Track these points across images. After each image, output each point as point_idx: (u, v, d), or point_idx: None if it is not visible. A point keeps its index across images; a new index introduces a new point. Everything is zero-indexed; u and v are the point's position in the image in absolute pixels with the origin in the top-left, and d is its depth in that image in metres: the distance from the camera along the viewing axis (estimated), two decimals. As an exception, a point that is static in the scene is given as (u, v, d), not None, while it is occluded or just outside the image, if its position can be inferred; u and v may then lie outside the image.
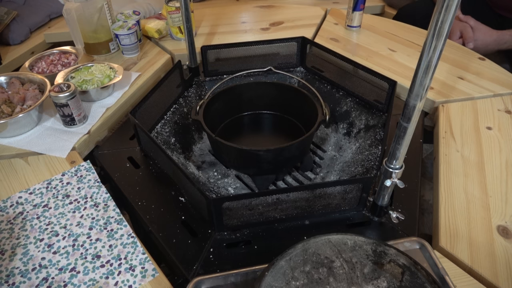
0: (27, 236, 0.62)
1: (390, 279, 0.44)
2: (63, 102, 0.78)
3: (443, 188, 0.69)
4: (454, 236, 0.61)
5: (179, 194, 0.70)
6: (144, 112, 0.78)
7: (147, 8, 1.30)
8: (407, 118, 0.50)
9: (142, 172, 0.75)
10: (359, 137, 0.85)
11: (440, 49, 0.42)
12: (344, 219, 0.65)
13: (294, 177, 0.80)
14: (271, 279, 0.43)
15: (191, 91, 0.94)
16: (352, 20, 1.19)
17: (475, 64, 1.04)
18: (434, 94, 0.92)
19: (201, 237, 0.62)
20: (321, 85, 0.96)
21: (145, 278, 0.56)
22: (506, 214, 0.64)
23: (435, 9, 0.40)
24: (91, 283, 0.56)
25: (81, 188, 0.71)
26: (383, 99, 0.85)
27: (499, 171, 0.72)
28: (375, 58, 1.06)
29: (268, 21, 1.28)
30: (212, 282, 0.53)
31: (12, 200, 0.68)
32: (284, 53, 1.00)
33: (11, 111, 0.80)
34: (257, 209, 0.62)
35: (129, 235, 0.62)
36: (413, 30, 1.22)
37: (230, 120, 0.88)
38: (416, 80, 0.46)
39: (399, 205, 0.67)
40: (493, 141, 0.79)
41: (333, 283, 0.43)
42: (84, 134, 0.81)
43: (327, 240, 0.47)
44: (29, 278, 0.56)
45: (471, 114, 0.86)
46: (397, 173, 0.56)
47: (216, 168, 0.81)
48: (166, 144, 0.81)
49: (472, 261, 0.57)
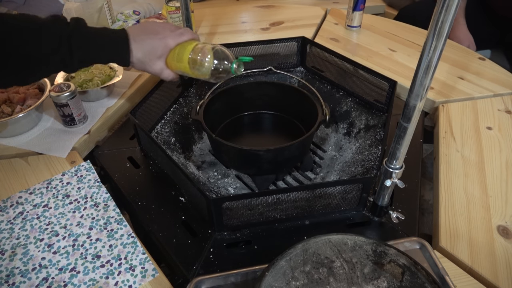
0: (27, 236, 0.62)
1: (390, 279, 0.44)
2: (63, 102, 0.78)
3: (443, 188, 0.69)
4: (454, 236, 0.61)
5: (179, 194, 0.70)
6: (144, 112, 0.78)
7: (147, 8, 1.30)
8: (407, 118, 0.50)
9: (142, 172, 0.75)
10: (359, 137, 0.85)
11: (440, 49, 0.42)
12: (344, 219, 0.65)
13: (294, 177, 0.80)
14: (271, 279, 0.43)
15: (191, 91, 0.94)
16: (352, 20, 1.20)
17: (475, 64, 1.04)
18: (434, 94, 0.92)
19: (201, 237, 0.62)
20: (321, 85, 0.96)
21: (145, 278, 0.56)
22: (506, 214, 0.64)
23: (435, 9, 0.40)
24: (91, 283, 0.56)
25: (81, 188, 0.71)
26: (383, 99, 0.85)
27: (499, 171, 0.72)
28: (375, 58, 1.06)
29: (268, 21, 1.28)
30: (212, 282, 0.53)
31: (12, 200, 0.68)
32: (284, 53, 1.00)
33: (11, 111, 0.80)
34: (257, 209, 0.62)
35: (129, 235, 0.62)
36: (413, 30, 1.22)
37: (230, 120, 0.88)
38: (416, 80, 0.46)
39: (399, 205, 0.67)
40: (493, 141, 0.79)
41: (333, 283, 0.43)
42: (84, 134, 0.81)
43: (327, 240, 0.47)
44: (29, 278, 0.56)
45: (471, 114, 0.86)
46: (397, 173, 0.56)
47: (216, 168, 0.81)
48: (166, 144, 0.81)
49: (472, 261, 0.57)
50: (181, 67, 0.69)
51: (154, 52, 0.67)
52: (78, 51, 0.61)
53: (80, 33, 0.61)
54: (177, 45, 0.69)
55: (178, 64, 0.69)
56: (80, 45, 0.61)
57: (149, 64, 0.68)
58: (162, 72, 0.70)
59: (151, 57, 0.67)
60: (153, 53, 0.67)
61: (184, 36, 0.69)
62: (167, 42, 0.68)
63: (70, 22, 0.62)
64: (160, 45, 0.67)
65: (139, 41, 0.66)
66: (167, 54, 0.69)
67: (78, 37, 0.61)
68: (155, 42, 0.67)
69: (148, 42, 0.66)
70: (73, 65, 0.63)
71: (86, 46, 0.62)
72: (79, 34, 0.61)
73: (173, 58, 0.69)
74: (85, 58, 0.63)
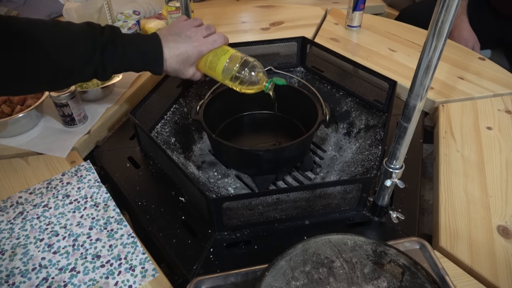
0: (27, 236, 0.62)
1: (390, 279, 0.44)
2: (63, 102, 0.78)
3: (443, 188, 0.69)
4: (454, 236, 0.61)
5: (179, 194, 0.70)
6: (144, 112, 0.78)
7: (147, 8, 1.30)
8: (407, 118, 0.50)
9: (142, 172, 0.75)
10: (359, 137, 0.85)
11: (440, 49, 0.42)
12: (344, 219, 0.65)
13: (294, 177, 0.80)
14: (271, 279, 0.43)
15: (191, 91, 0.94)
16: (352, 20, 1.19)
17: (475, 64, 1.04)
18: (434, 94, 0.92)
19: (201, 237, 0.62)
20: (321, 85, 0.96)
21: (145, 278, 0.56)
22: (506, 214, 0.64)
23: (435, 9, 0.40)
24: (91, 283, 0.56)
25: (81, 188, 0.71)
26: (383, 99, 0.85)
27: (499, 171, 0.72)
28: (375, 58, 1.06)
29: (268, 21, 1.28)
30: (212, 282, 0.53)
31: (12, 200, 0.68)
32: (284, 53, 1.00)
33: (11, 111, 0.80)
34: (257, 209, 0.62)
35: (129, 235, 0.62)
36: (413, 30, 1.22)
37: (230, 120, 0.88)
38: (416, 80, 0.46)
39: (399, 205, 0.67)
40: (493, 141, 0.79)
41: (333, 283, 0.43)
42: (84, 134, 0.81)
43: (327, 240, 0.47)
44: (29, 278, 0.56)
45: (471, 114, 0.86)
46: (397, 173, 0.56)
47: (216, 168, 0.81)
48: (166, 144, 0.81)
49: (472, 261, 0.57)
50: (213, 74, 0.70)
51: (188, 61, 0.68)
52: (111, 63, 0.61)
53: (114, 45, 0.61)
54: (210, 52, 0.69)
55: (210, 71, 0.70)
56: (113, 57, 0.61)
57: (182, 72, 0.69)
58: (194, 76, 0.71)
59: (185, 65, 0.68)
60: (187, 62, 0.68)
61: (217, 42, 0.69)
62: (201, 50, 0.68)
63: (104, 31, 0.61)
64: (194, 53, 0.67)
65: (172, 48, 0.66)
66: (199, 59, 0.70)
67: (112, 49, 0.61)
68: (189, 50, 0.67)
69: (182, 50, 0.66)
70: (105, 75, 0.63)
71: (119, 58, 0.62)
72: (113, 46, 0.61)
73: (205, 65, 0.70)
74: (117, 69, 0.64)
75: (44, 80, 0.60)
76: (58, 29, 0.59)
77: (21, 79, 0.58)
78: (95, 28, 0.61)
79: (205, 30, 0.70)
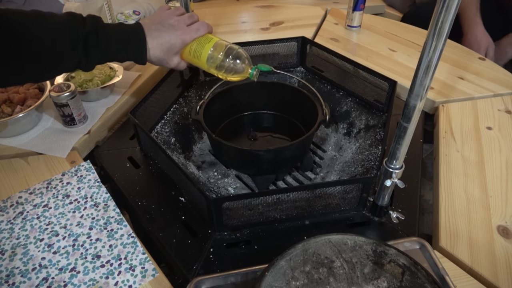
0: (27, 236, 0.62)
1: (390, 279, 0.44)
2: (63, 102, 0.78)
3: (443, 188, 0.69)
4: (454, 236, 0.61)
5: (179, 194, 0.70)
6: (144, 112, 0.78)
7: (147, 8, 1.30)
8: (407, 118, 0.50)
9: (142, 172, 0.75)
10: (359, 137, 0.85)
11: (440, 49, 0.42)
12: (344, 219, 0.65)
13: (294, 177, 0.80)
14: (271, 279, 0.43)
15: (191, 91, 0.94)
16: (352, 20, 1.19)
17: (475, 64, 1.04)
18: (434, 94, 0.92)
19: (201, 237, 0.62)
20: (321, 85, 0.96)
21: (145, 278, 0.56)
22: (506, 214, 0.64)
23: (435, 9, 0.40)
24: (91, 283, 0.56)
25: (81, 188, 0.71)
26: (383, 99, 0.85)
27: (499, 171, 0.72)
28: (375, 58, 1.06)
29: (268, 21, 1.28)
30: (212, 282, 0.53)
31: (12, 200, 0.68)
32: (284, 53, 1.00)
33: (11, 111, 0.80)
34: (257, 209, 0.62)
35: (129, 235, 0.62)
36: (413, 30, 1.22)
37: (230, 120, 0.88)
38: (416, 80, 0.46)
39: (399, 205, 0.67)
40: (493, 141, 0.79)
41: (333, 283, 0.43)
42: (84, 134, 0.81)
43: (327, 240, 0.47)
44: (29, 278, 0.56)
45: (471, 114, 0.86)
46: (397, 173, 0.56)
47: (216, 168, 0.81)
48: (166, 144, 0.81)
49: (472, 261, 0.57)
50: (197, 62, 0.69)
51: (172, 50, 0.67)
52: (94, 53, 0.61)
53: (97, 35, 0.60)
54: (194, 40, 0.69)
55: (194, 59, 0.69)
56: (96, 46, 0.61)
57: (166, 61, 0.68)
58: (178, 65, 0.70)
59: (168, 54, 0.67)
60: (171, 51, 0.67)
61: (200, 31, 0.69)
62: (184, 38, 0.67)
63: (86, 21, 0.61)
64: (177, 41, 0.67)
65: (156, 37, 0.65)
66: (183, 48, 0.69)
67: (94, 39, 0.60)
68: (172, 39, 0.66)
69: (165, 39, 0.66)
70: (89, 66, 0.62)
71: (102, 47, 0.62)
72: (96, 36, 0.60)
73: (189, 54, 0.69)
74: (101, 59, 0.63)
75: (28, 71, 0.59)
76: (40, 19, 0.58)
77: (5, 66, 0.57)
78: (77, 18, 0.60)
79: (188, 18, 0.69)
